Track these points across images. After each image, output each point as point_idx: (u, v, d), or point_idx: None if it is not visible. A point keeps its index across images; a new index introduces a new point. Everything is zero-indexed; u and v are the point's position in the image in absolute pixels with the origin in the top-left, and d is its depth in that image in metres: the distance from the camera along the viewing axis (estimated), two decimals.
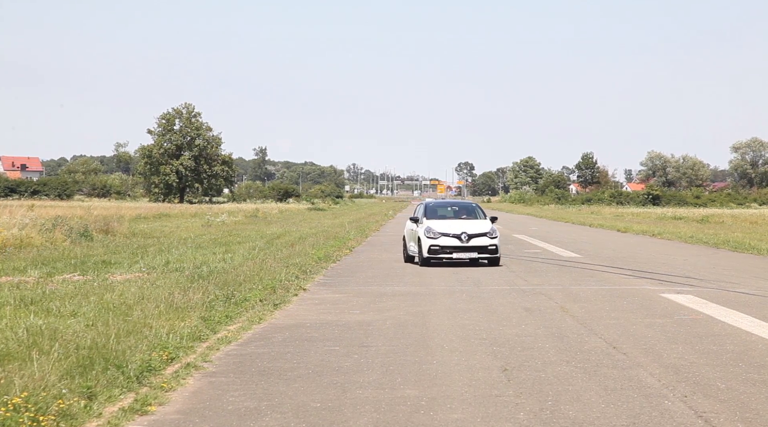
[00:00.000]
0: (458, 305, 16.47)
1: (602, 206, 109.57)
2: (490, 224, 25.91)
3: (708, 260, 28.43)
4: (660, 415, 8.10)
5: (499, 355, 11.19)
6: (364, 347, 11.83)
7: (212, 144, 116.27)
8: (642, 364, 10.58)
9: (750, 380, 9.64)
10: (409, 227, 27.08)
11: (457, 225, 25.59)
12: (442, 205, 28.20)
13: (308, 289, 18.99)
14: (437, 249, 24.96)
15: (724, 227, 53.09)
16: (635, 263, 26.82)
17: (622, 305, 16.37)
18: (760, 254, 31.53)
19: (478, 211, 27.55)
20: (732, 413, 8.20)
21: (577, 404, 8.53)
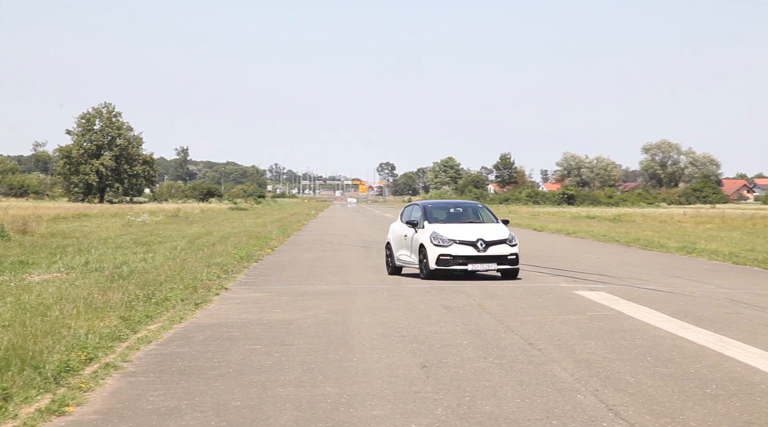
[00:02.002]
0: (379, 303, 16.51)
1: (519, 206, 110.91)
2: (507, 229, 21.58)
3: (619, 258, 28.98)
4: (572, 408, 8.23)
5: (418, 352, 11.24)
6: (285, 345, 11.79)
7: (133, 144, 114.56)
8: (556, 359, 10.74)
9: (657, 374, 9.86)
10: (400, 232, 22.68)
11: (471, 230, 21.16)
12: (442, 206, 23.27)
13: (230, 288, 18.84)
14: (448, 259, 20.64)
15: (634, 225, 54.18)
16: (551, 261, 27.20)
17: (538, 302, 16.59)
18: (668, 251, 32.26)
19: (487, 213, 22.93)
20: (640, 405, 8.37)
21: (493, 399, 8.62)
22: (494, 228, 21.41)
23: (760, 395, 8.87)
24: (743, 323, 13.92)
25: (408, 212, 23.18)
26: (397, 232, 23.06)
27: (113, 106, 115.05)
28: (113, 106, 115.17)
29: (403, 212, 23.48)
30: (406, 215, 23.10)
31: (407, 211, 23.29)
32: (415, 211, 22.72)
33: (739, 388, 9.18)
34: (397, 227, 23.22)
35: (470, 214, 22.67)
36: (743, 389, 9.14)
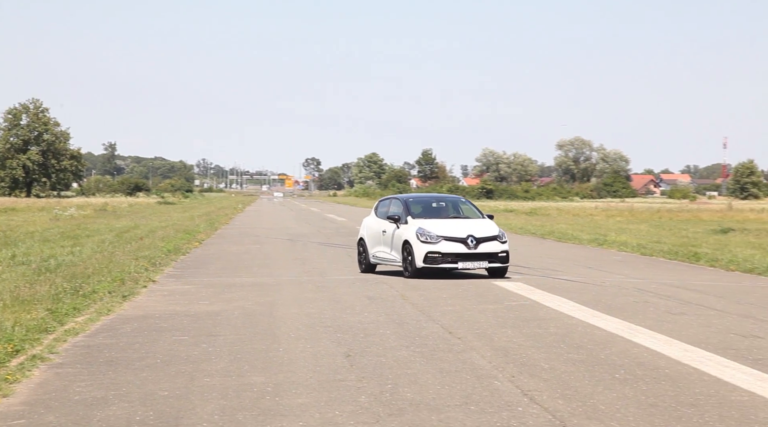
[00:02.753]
0: (304, 294, 16.48)
1: None
2: (495, 225, 19.88)
3: (536, 250, 29.38)
4: (490, 394, 8.33)
5: (342, 341, 11.26)
6: (212, 336, 11.69)
7: (60, 139, 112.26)
8: (475, 347, 10.85)
9: (570, 360, 10.03)
10: (377, 228, 20.77)
11: (459, 226, 19.43)
12: (424, 200, 21.31)
13: (158, 281, 18.61)
14: (437, 257, 18.91)
15: (550, 218, 54.97)
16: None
17: (458, 293, 16.74)
18: (581, 243, 32.81)
19: (471, 207, 21.08)
20: (554, 390, 8.51)
21: (415, 386, 8.68)
22: (483, 224, 19.69)
23: (665, 379, 9.09)
24: (650, 311, 14.24)
25: (385, 206, 21.19)
26: (372, 227, 21.09)
27: (41, 102, 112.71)
28: (41, 101, 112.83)
29: (378, 206, 21.55)
30: (383, 209, 21.17)
31: (383, 206, 21.35)
32: (395, 206, 20.69)
33: (645, 372, 9.39)
34: (372, 222, 21.25)
35: (453, 208, 20.87)
36: (649, 373, 9.35)
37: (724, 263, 23.36)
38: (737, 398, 8.27)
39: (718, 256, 24.83)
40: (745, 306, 14.98)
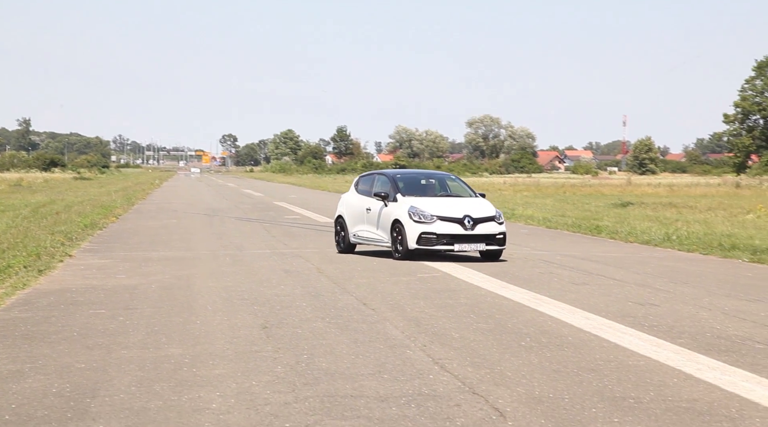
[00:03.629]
0: (222, 268, 16.33)
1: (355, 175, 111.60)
2: (491, 204, 18.28)
3: None
4: (402, 363, 8.40)
5: (259, 314, 11.20)
6: (129, 309, 11.51)
7: None
8: (388, 318, 10.91)
9: (479, 330, 10.17)
10: (359, 205, 19.13)
11: (454, 206, 17.80)
12: (413, 176, 19.50)
13: (74, 255, 18.21)
14: (432, 238, 17.27)
15: None
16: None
17: (372, 266, 16.80)
18: None
19: (462, 185, 19.36)
20: (463, 359, 8.63)
21: (330, 356, 8.70)
22: (479, 203, 18.07)
23: (568, 346, 9.29)
24: (554, 282, 14.52)
25: (368, 182, 19.40)
26: (353, 204, 19.36)
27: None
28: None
29: (359, 183, 19.76)
30: (364, 185, 19.43)
31: (365, 182, 19.55)
32: (381, 182, 18.93)
33: (550, 340, 9.58)
34: (353, 198, 19.49)
35: (444, 186, 19.23)
36: (553, 341, 9.55)
37: (624, 236, 23.94)
38: (634, 362, 8.51)
39: (618, 228, 25.42)
40: (642, 276, 15.38)
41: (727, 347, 9.23)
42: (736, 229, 24.57)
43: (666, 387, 7.54)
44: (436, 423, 6.40)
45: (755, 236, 21.80)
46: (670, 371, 8.14)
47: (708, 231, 23.63)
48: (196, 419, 6.54)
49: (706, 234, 22.75)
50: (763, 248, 19.21)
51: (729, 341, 9.56)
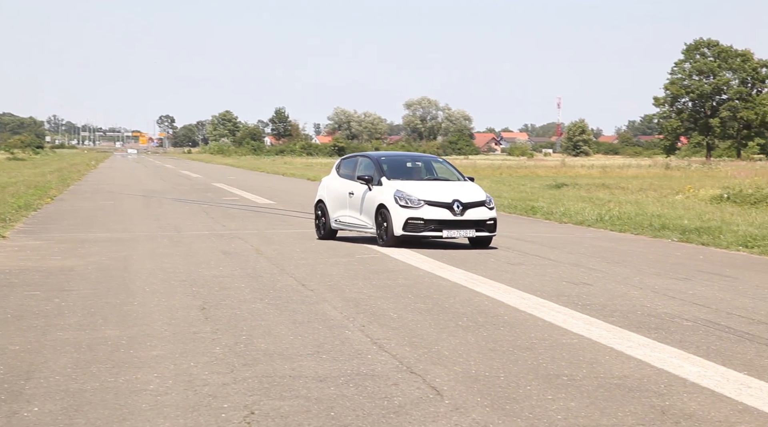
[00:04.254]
0: (160, 249, 16.14)
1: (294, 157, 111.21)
2: (481, 189, 17.46)
3: None
4: (341, 343, 8.41)
5: (198, 295, 11.11)
6: (65, 291, 11.31)
7: None
8: (327, 299, 10.91)
9: (417, 310, 10.23)
10: (341, 189, 17.98)
11: (442, 190, 16.84)
12: (398, 159, 18.54)
13: (8, 236, 17.83)
14: (419, 224, 16.31)
15: None
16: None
17: (311, 247, 16.76)
18: None
19: (449, 168, 18.44)
20: (401, 338, 8.67)
21: (269, 337, 8.67)
22: (468, 187, 17.15)
23: (503, 325, 9.39)
24: (491, 262, 14.65)
25: (349, 166, 18.28)
26: (335, 188, 18.21)
27: None
28: None
29: (341, 165, 18.64)
30: (346, 169, 18.30)
31: (347, 165, 18.42)
32: (364, 165, 17.82)
33: (486, 319, 9.67)
34: (335, 182, 18.35)
35: (430, 169, 18.21)
36: (489, 320, 9.65)
37: (558, 216, 24.25)
38: (568, 340, 8.64)
39: (553, 209, 25.74)
40: (576, 256, 15.61)
41: (656, 325, 9.42)
42: (665, 209, 25.05)
43: (598, 364, 7.67)
44: (374, 402, 6.43)
45: (684, 216, 22.26)
46: (603, 349, 8.28)
47: (639, 211, 24.05)
48: (133, 400, 6.47)
49: (637, 214, 23.15)
50: (691, 228, 19.62)
51: (659, 319, 9.76)
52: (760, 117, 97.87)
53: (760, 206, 26.30)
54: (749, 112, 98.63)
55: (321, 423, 5.94)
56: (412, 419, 6.05)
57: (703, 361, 7.80)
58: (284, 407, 6.31)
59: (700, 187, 34.51)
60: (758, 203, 27.07)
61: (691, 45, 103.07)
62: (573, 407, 6.35)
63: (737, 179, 38.14)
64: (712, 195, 30.46)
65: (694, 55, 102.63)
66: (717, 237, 18.33)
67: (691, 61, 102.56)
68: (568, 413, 6.18)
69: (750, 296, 11.45)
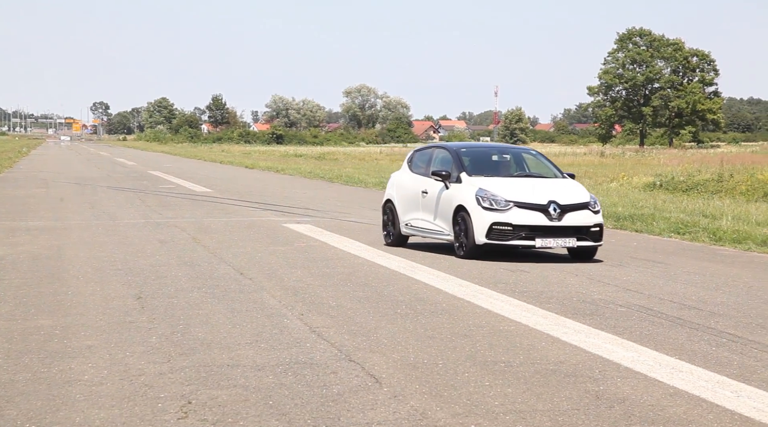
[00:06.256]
0: (95, 238, 15.88)
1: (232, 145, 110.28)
2: (583, 187, 14.33)
3: (324, 193, 29.64)
4: (280, 332, 8.37)
5: (133, 284, 10.96)
6: None
7: None
8: (265, 287, 10.85)
9: (356, 298, 10.23)
10: (414, 187, 15.09)
11: (535, 188, 13.79)
12: (482, 151, 15.70)
13: None
14: (507, 231, 13.33)
15: (337, 163, 55.52)
16: (261, 196, 27.33)
17: (249, 235, 16.65)
18: (367, 186, 33.39)
19: (546, 163, 15.10)
20: (340, 327, 8.66)
21: (206, 326, 8.59)
22: (567, 186, 14.09)
23: (441, 312, 9.44)
24: (430, 250, 14.70)
25: (424, 158, 15.41)
26: (406, 186, 15.37)
27: None
28: None
29: (413, 158, 15.75)
30: (422, 161, 15.42)
31: (422, 157, 15.53)
32: (440, 158, 15.01)
33: (424, 307, 9.72)
34: (407, 178, 15.49)
35: (521, 163, 15.15)
36: (428, 307, 9.69)
37: None
38: (505, 327, 8.72)
39: None
40: None
41: (591, 311, 9.57)
42: (600, 197, 25.39)
43: (535, 350, 7.76)
44: (312, 391, 6.42)
45: (618, 204, 22.60)
46: (539, 335, 8.38)
47: None
48: (66, 390, 6.36)
49: None
50: (625, 215, 19.94)
51: (594, 305, 9.91)
52: (690, 105, 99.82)
53: (691, 193, 26.85)
54: (680, 100, 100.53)
55: (259, 412, 5.91)
56: (351, 407, 6.05)
57: (637, 346, 7.94)
58: (222, 396, 6.27)
59: (633, 174, 35.08)
60: (689, 190, 27.63)
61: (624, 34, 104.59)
62: (510, 393, 6.42)
63: (669, 167, 38.85)
64: (645, 183, 31.01)
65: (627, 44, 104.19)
66: (650, 224, 18.66)
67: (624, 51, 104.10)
68: (505, 399, 6.25)
69: (682, 281, 11.69)
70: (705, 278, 12.02)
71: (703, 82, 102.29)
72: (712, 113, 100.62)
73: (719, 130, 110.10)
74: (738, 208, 20.95)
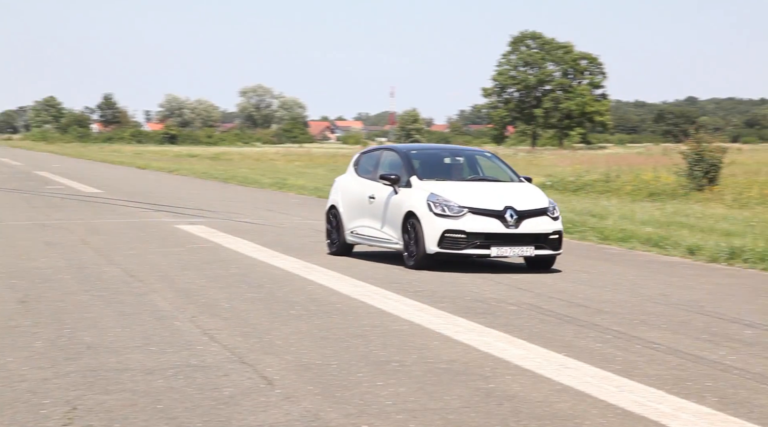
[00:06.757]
0: None
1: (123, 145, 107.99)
2: (542, 192, 13.62)
3: (218, 194, 29.31)
4: (171, 335, 8.24)
5: (18, 288, 10.61)
6: None
7: None
8: (157, 290, 10.66)
9: (249, 299, 10.15)
10: (360, 192, 14.05)
11: (491, 193, 12.90)
12: (434, 152, 14.72)
13: None
14: (460, 239, 12.39)
15: (232, 163, 54.95)
16: (153, 197, 26.84)
17: (141, 237, 16.33)
18: (263, 187, 33.17)
19: (501, 166, 14.41)
20: (233, 329, 8.58)
21: (94, 329, 8.39)
22: (524, 190, 13.28)
23: (336, 313, 9.45)
24: (324, 250, 14.69)
25: (372, 161, 14.38)
26: (352, 191, 14.29)
27: None
28: None
29: (360, 161, 14.72)
30: (369, 164, 14.40)
31: (369, 160, 14.50)
32: (389, 161, 13.97)
33: (319, 308, 9.71)
34: (352, 183, 14.42)
35: (475, 166, 14.19)
36: (322, 308, 9.69)
37: None
38: (399, 327, 8.79)
39: None
40: None
41: (483, 310, 9.72)
42: None
43: (427, 349, 7.84)
44: (203, 394, 6.34)
45: None
46: (432, 334, 8.47)
47: None
48: None
49: None
50: None
51: (485, 304, 10.07)
52: (580, 107, 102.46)
53: (579, 193, 27.55)
54: (570, 102, 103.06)
55: (148, 417, 5.81)
56: (243, 409, 6.00)
57: (526, 344, 8.11)
58: (109, 401, 6.13)
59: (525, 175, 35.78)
60: (578, 190, 28.35)
61: (517, 37, 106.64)
62: (402, 392, 6.47)
63: (559, 167, 39.80)
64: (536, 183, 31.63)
65: (520, 47, 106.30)
66: None
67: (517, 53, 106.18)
68: (397, 398, 6.29)
69: (569, 280, 11.99)
70: (592, 277, 12.36)
71: (591, 85, 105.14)
72: (600, 115, 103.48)
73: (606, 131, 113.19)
74: (624, 207, 21.62)
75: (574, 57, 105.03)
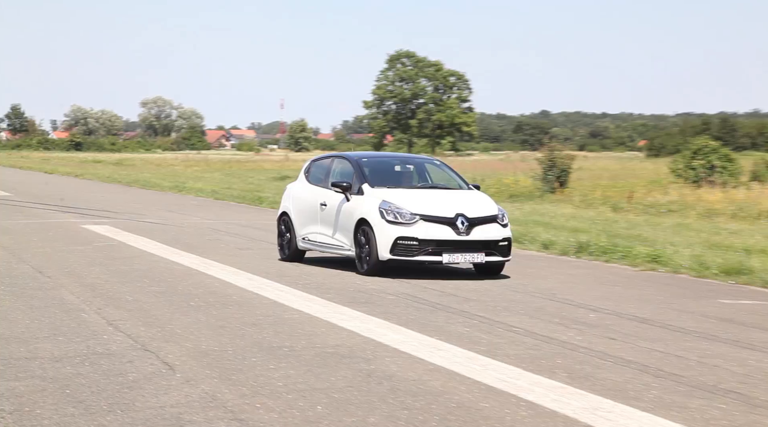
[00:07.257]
0: None
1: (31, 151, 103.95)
2: (491, 199, 12.55)
3: (122, 196, 28.55)
4: (77, 325, 8.00)
5: None
6: None
7: None
8: (64, 285, 10.33)
9: (152, 293, 9.94)
10: (312, 199, 13.00)
11: (442, 201, 11.99)
12: (383, 160, 13.72)
13: None
14: (412, 246, 11.45)
15: (135, 168, 53.58)
16: (61, 200, 25.94)
17: (49, 236, 15.77)
18: (163, 190, 32.48)
19: (450, 173, 13.31)
20: (137, 319, 8.40)
21: (3, 322, 8.07)
22: (474, 198, 12.26)
23: (232, 304, 9.36)
24: (221, 247, 14.53)
25: (323, 169, 13.31)
26: (303, 198, 13.25)
27: None
28: None
29: (311, 168, 13.60)
30: (320, 172, 13.29)
31: (321, 168, 13.40)
32: (340, 168, 12.98)
33: (216, 300, 9.59)
34: (303, 190, 13.38)
35: (424, 174, 13.21)
36: (220, 300, 9.58)
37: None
38: (289, 316, 8.77)
39: (277, 199, 25.82)
40: None
41: (366, 299, 9.80)
42: None
43: (315, 336, 7.86)
44: (109, 379, 6.19)
45: None
46: (319, 322, 8.49)
47: None
48: None
49: None
50: None
51: (367, 294, 10.15)
52: (450, 119, 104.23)
53: None
54: (441, 114, 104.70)
55: (56, 400, 5.63)
56: (146, 392, 5.89)
57: (404, 329, 8.21)
58: (19, 387, 5.92)
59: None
60: None
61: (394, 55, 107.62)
62: (292, 374, 6.47)
63: None
64: None
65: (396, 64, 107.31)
66: None
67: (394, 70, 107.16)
68: (288, 380, 6.29)
69: (441, 272, 12.19)
70: (461, 269, 12.60)
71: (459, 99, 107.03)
72: (467, 126, 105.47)
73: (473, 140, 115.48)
74: None
75: (444, 74, 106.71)
